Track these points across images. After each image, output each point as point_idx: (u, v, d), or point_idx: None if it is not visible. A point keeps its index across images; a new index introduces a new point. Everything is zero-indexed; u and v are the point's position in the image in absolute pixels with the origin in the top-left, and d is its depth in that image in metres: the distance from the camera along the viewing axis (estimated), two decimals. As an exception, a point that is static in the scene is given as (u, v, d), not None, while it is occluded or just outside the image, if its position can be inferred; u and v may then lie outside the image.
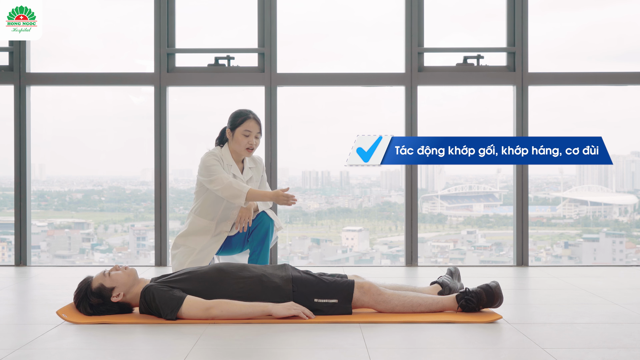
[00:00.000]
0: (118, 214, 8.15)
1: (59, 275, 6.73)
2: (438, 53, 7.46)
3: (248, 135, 5.71)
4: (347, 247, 8.07)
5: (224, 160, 5.73)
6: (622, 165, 8.21)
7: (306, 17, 7.79)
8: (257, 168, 5.94)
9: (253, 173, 5.90)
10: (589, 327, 4.39)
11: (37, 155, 7.63)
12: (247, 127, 5.71)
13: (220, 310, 4.50)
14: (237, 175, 5.75)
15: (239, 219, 5.70)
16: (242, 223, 5.69)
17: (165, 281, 4.67)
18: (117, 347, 3.96)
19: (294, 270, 4.81)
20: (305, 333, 4.25)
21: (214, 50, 7.46)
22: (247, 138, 5.71)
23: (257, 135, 5.74)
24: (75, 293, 4.70)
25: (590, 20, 7.85)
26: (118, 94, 7.92)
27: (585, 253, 7.90)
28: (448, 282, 5.07)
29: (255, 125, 5.73)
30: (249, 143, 5.71)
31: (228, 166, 5.73)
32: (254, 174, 5.90)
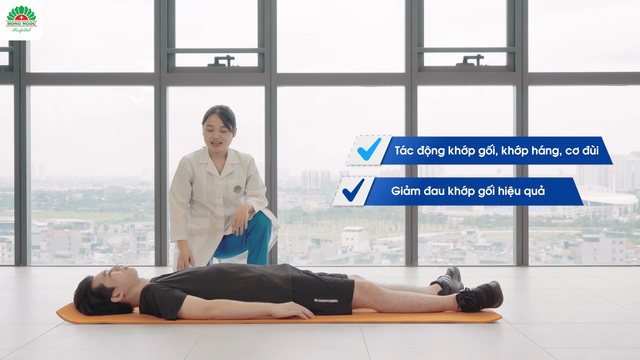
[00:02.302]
0: (118, 214, 8.15)
1: (59, 275, 6.73)
2: (438, 53, 7.46)
3: (211, 130, 5.83)
4: (347, 247, 8.06)
5: (200, 160, 5.90)
6: (622, 165, 8.21)
7: (306, 17, 7.79)
8: (241, 164, 5.99)
9: (235, 169, 5.95)
10: (589, 327, 4.38)
11: (37, 155, 7.63)
12: (209, 122, 5.84)
13: (220, 310, 4.50)
14: (212, 173, 5.86)
15: (234, 222, 5.71)
16: (238, 225, 5.70)
17: (165, 281, 4.67)
18: (117, 347, 3.96)
19: (294, 270, 4.81)
20: (305, 333, 4.25)
21: (214, 50, 7.46)
22: (211, 133, 5.84)
23: (221, 129, 5.83)
24: (75, 293, 4.70)
25: (590, 20, 7.85)
26: (118, 94, 7.92)
27: (585, 253, 7.90)
28: (448, 282, 5.07)
29: (217, 120, 5.82)
30: (212, 137, 5.84)
31: (203, 165, 5.88)
32: (237, 170, 5.96)
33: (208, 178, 5.86)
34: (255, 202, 5.85)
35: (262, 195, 6.00)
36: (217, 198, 5.87)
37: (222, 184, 5.87)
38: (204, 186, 5.85)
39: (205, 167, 5.86)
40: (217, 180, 5.87)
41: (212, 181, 5.86)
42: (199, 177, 5.86)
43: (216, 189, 5.87)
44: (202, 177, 5.85)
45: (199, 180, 5.86)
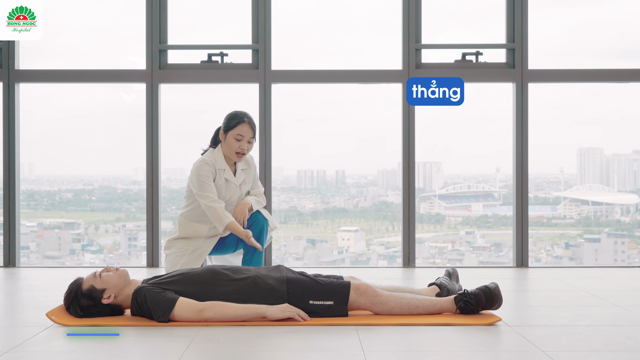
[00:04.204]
0: (109, 214, 8.14)
1: (48, 276, 6.72)
2: (436, 49, 7.45)
3: (240, 140, 5.68)
4: (343, 248, 8.06)
5: (217, 165, 5.72)
6: (624, 164, 8.21)
7: (301, 13, 7.78)
8: (249, 169, 5.93)
9: (245, 175, 5.88)
10: (590, 330, 4.38)
11: (26, 153, 7.62)
12: (239, 131, 5.69)
13: (214, 312, 4.48)
14: (230, 180, 5.75)
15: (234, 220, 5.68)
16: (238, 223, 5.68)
17: (157, 282, 4.65)
18: (108, 350, 3.95)
19: (288, 271, 4.80)
20: (301, 336, 4.24)
21: (207, 46, 7.44)
22: (239, 142, 5.69)
23: (250, 140, 5.71)
24: (66, 295, 4.69)
25: (590, 16, 7.85)
26: (109, 92, 7.91)
27: (587, 254, 7.90)
28: (446, 284, 5.06)
29: (248, 130, 5.70)
30: (240, 148, 5.69)
31: (221, 171, 5.72)
32: (247, 176, 5.89)
33: (226, 185, 5.77)
34: (255, 200, 5.84)
35: (261, 194, 5.99)
36: (231, 205, 5.81)
37: (238, 192, 5.82)
38: (222, 193, 5.75)
39: (223, 173, 5.77)
40: (234, 188, 5.80)
41: (230, 188, 5.79)
42: (219, 184, 5.74)
43: (233, 197, 5.78)
44: (222, 184, 5.74)
45: (218, 186, 5.75)
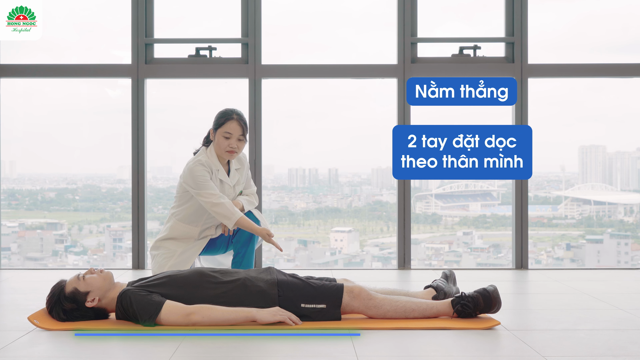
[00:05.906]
0: (93, 214, 8.13)
1: (30, 278, 6.71)
2: (432, 43, 7.45)
3: (229, 138, 5.66)
4: (336, 249, 8.06)
5: (212, 165, 5.70)
6: (627, 162, 8.22)
7: (292, 6, 7.78)
8: (242, 168, 5.92)
9: (239, 175, 5.87)
10: (592, 334, 4.38)
11: (7, 151, 7.60)
12: (227, 129, 5.67)
13: (202, 316, 4.48)
14: (224, 181, 5.74)
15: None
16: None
17: (143, 285, 4.64)
18: (92, 355, 3.94)
19: (279, 273, 4.79)
20: (292, 340, 4.24)
21: (195, 40, 7.43)
22: (228, 140, 5.67)
23: (239, 138, 5.69)
24: (48, 298, 4.68)
25: (591, 9, 7.86)
26: (93, 87, 7.90)
27: (589, 255, 7.91)
28: (443, 286, 5.06)
29: (237, 127, 5.68)
30: (229, 146, 5.67)
31: (216, 171, 5.70)
32: (240, 176, 5.88)
33: (221, 186, 5.73)
34: (246, 201, 5.83)
35: (254, 193, 5.99)
36: None
37: (233, 193, 5.81)
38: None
39: (217, 173, 5.75)
40: (228, 189, 5.79)
41: (224, 190, 5.77)
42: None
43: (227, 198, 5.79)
44: (217, 185, 5.73)
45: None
